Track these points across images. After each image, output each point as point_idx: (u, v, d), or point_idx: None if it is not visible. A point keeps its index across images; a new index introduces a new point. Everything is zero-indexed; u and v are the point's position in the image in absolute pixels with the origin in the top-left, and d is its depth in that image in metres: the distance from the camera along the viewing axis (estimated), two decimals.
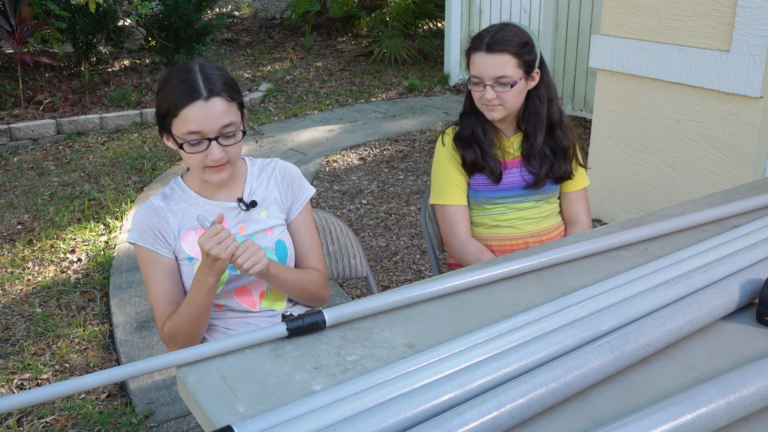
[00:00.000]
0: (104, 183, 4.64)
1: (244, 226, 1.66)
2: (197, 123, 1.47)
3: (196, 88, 1.48)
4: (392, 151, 5.35)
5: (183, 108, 1.47)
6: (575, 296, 1.41)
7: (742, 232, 1.70)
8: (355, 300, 1.43)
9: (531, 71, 1.91)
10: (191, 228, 1.62)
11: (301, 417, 1.04)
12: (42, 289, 3.29)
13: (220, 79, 1.52)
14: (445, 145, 2.03)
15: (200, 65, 1.53)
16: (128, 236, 1.63)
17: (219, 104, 1.49)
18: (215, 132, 1.49)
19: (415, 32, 8.55)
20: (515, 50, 1.86)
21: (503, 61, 1.85)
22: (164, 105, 1.50)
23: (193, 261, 1.62)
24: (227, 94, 1.51)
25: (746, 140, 3.16)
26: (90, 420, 2.41)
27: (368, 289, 2.08)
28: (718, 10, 3.17)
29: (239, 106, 1.57)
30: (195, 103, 1.47)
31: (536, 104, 1.96)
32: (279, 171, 1.73)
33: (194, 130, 1.48)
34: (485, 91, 1.88)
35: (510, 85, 1.87)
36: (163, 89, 1.52)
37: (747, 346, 1.27)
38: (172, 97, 1.48)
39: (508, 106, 1.91)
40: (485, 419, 0.99)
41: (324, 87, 7.29)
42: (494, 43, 1.86)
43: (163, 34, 7.07)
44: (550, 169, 1.99)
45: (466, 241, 1.99)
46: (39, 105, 5.84)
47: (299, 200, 1.74)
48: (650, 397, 1.13)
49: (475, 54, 1.89)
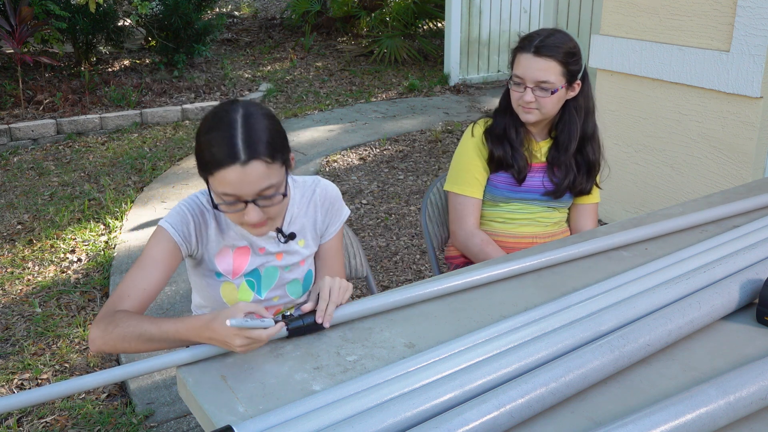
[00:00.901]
0: (104, 183, 4.64)
1: (282, 255, 1.61)
2: (233, 187, 1.36)
3: (234, 150, 1.34)
4: (392, 151, 5.35)
5: (219, 169, 1.35)
6: (575, 296, 1.41)
7: (742, 232, 1.70)
8: (355, 300, 1.43)
9: (573, 81, 1.91)
10: (228, 246, 1.56)
11: (301, 417, 1.04)
12: (42, 289, 3.29)
13: (263, 135, 1.37)
14: (474, 137, 2.02)
15: (244, 116, 1.39)
16: (164, 218, 1.52)
17: (258, 168, 1.35)
18: (252, 195, 1.38)
19: (415, 32, 8.54)
20: (562, 58, 1.85)
21: (548, 67, 1.85)
22: (201, 156, 1.39)
23: (221, 278, 1.58)
24: (268, 156, 1.37)
25: (746, 140, 3.16)
26: (90, 420, 2.41)
27: (368, 289, 2.08)
28: (718, 10, 3.17)
29: (283, 162, 1.43)
30: (232, 167, 1.34)
31: (572, 114, 1.96)
32: (319, 195, 1.64)
33: (230, 193, 1.37)
34: (525, 93, 1.88)
35: (551, 91, 1.86)
36: (203, 137, 1.39)
37: (747, 346, 1.27)
38: (209, 154, 1.36)
39: (544, 111, 1.90)
40: (485, 419, 0.99)
41: (324, 87, 7.29)
42: (543, 47, 1.85)
43: (163, 34, 7.07)
44: (572, 182, 2.00)
45: (472, 232, 2.00)
46: (39, 105, 5.84)
47: (334, 225, 1.67)
48: (650, 397, 1.13)
49: (521, 54, 1.89)
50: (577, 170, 2.01)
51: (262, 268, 1.60)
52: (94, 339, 1.37)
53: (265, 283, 1.62)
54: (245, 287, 1.59)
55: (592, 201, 2.11)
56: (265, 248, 1.59)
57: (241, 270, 1.59)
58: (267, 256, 1.60)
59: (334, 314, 1.35)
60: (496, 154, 1.97)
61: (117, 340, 1.34)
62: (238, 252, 1.58)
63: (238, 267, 1.58)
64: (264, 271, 1.61)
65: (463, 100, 6.98)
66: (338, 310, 1.36)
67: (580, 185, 2.02)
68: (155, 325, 1.33)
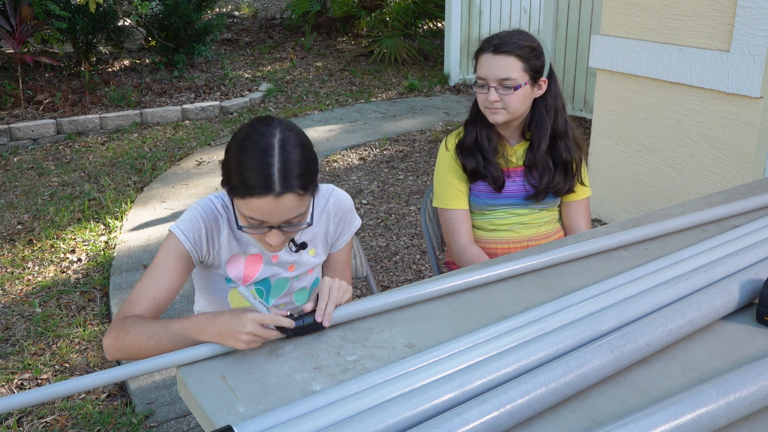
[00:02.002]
0: (104, 183, 4.64)
1: (294, 266, 1.61)
2: (262, 215, 1.35)
3: (269, 181, 1.32)
4: (392, 151, 5.35)
5: (251, 197, 1.33)
6: (575, 296, 1.41)
7: (742, 232, 1.70)
8: (355, 300, 1.43)
9: (538, 78, 1.90)
10: (240, 253, 1.56)
11: (301, 417, 1.04)
12: (42, 289, 3.29)
13: (298, 167, 1.35)
14: (448, 150, 2.02)
15: (281, 141, 1.35)
16: (175, 224, 1.50)
17: (290, 201, 1.35)
18: (279, 223, 1.38)
19: (415, 32, 8.54)
20: (522, 53, 1.86)
21: (509, 63, 1.85)
22: (232, 176, 1.36)
23: (231, 283, 1.57)
24: (301, 188, 1.35)
25: (746, 140, 3.16)
26: (90, 420, 2.41)
27: (368, 289, 2.08)
28: (718, 10, 3.17)
29: (313, 190, 1.42)
30: (265, 197, 1.32)
31: (542, 113, 1.95)
32: (333, 205, 1.63)
33: (257, 218, 1.37)
34: (489, 93, 1.87)
35: (514, 87, 1.85)
36: (236, 156, 1.36)
37: (747, 346, 1.27)
38: (241, 178, 1.33)
39: (511, 110, 1.89)
40: (485, 419, 0.99)
41: (324, 87, 7.28)
42: (501, 44, 1.86)
43: (163, 34, 7.07)
44: (550, 181, 1.97)
45: (465, 246, 1.99)
46: (39, 105, 5.84)
47: (345, 235, 1.67)
48: (650, 397, 1.13)
49: (482, 55, 1.89)
50: (554, 170, 1.98)
51: (273, 279, 1.60)
52: (109, 348, 1.38)
53: (275, 292, 1.62)
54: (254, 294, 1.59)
55: (581, 197, 2.07)
56: (278, 256, 1.58)
57: (252, 278, 1.58)
58: (279, 267, 1.59)
59: (333, 314, 1.35)
60: (468, 167, 1.97)
61: (128, 346, 1.35)
62: (251, 259, 1.57)
63: (249, 274, 1.58)
64: (275, 282, 1.61)
65: (463, 100, 6.99)
66: (338, 310, 1.36)
67: (557, 185, 1.99)
68: (163, 326, 1.33)
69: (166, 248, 1.48)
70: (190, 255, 1.48)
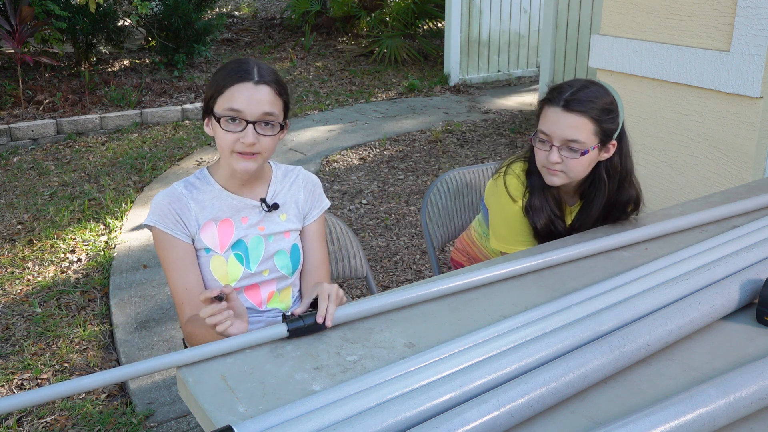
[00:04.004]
0: (104, 183, 4.64)
1: (264, 227, 1.67)
2: (240, 102, 1.50)
3: (248, 71, 1.53)
4: (392, 151, 5.35)
5: (231, 86, 1.51)
6: (575, 296, 1.41)
7: (742, 232, 1.70)
8: (355, 300, 1.43)
9: (608, 142, 1.69)
10: (211, 219, 1.62)
11: (301, 417, 1.04)
12: (42, 289, 3.29)
13: (272, 75, 1.57)
14: (515, 202, 1.81)
15: (257, 61, 1.58)
16: (147, 219, 1.60)
17: (266, 92, 1.53)
18: (255, 117, 1.52)
19: (415, 32, 8.54)
20: (596, 114, 1.64)
21: (579, 124, 1.63)
22: (213, 86, 1.55)
23: (210, 252, 1.62)
24: (276, 87, 1.55)
25: (746, 140, 3.16)
26: (90, 420, 2.41)
27: (368, 289, 2.08)
28: (718, 10, 3.17)
29: (284, 106, 1.59)
30: (244, 83, 1.51)
31: (602, 176, 1.73)
32: (302, 178, 1.75)
33: (235, 108, 1.51)
34: (551, 152, 1.66)
35: (581, 152, 1.65)
36: (216, 75, 1.57)
37: (747, 346, 1.27)
38: (222, 78, 1.53)
39: (571, 175, 1.69)
40: (485, 419, 0.99)
41: (324, 87, 7.28)
42: (574, 101, 1.63)
43: (163, 34, 7.07)
44: None
45: None
46: (39, 105, 5.84)
47: (316, 209, 1.75)
48: (650, 397, 1.13)
49: (549, 108, 1.68)
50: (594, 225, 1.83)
51: (247, 239, 1.65)
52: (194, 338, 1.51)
53: (253, 255, 1.66)
54: (234, 261, 1.64)
55: None
56: (247, 218, 1.65)
57: (228, 242, 1.63)
58: (249, 228, 1.66)
59: (334, 315, 1.35)
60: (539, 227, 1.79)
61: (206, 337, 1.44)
62: (222, 224, 1.63)
63: (224, 239, 1.63)
64: (250, 242, 1.65)
65: (463, 100, 6.99)
66: (338, 310, 1.36)
67: None
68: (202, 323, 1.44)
69: (157, 244, 1.60)
70: (179, 238, 1.58)
